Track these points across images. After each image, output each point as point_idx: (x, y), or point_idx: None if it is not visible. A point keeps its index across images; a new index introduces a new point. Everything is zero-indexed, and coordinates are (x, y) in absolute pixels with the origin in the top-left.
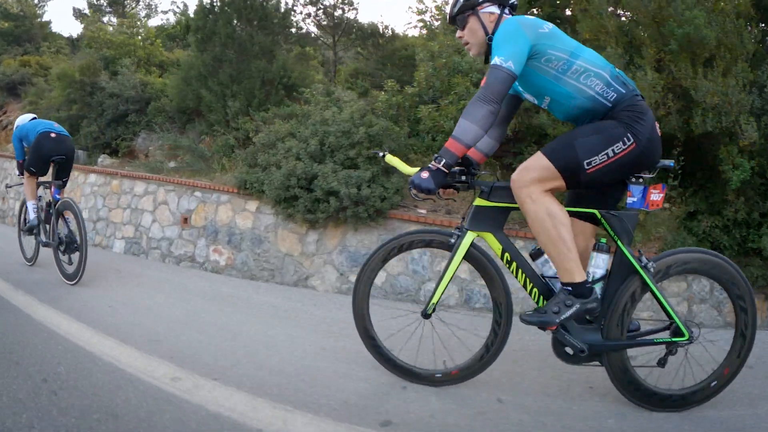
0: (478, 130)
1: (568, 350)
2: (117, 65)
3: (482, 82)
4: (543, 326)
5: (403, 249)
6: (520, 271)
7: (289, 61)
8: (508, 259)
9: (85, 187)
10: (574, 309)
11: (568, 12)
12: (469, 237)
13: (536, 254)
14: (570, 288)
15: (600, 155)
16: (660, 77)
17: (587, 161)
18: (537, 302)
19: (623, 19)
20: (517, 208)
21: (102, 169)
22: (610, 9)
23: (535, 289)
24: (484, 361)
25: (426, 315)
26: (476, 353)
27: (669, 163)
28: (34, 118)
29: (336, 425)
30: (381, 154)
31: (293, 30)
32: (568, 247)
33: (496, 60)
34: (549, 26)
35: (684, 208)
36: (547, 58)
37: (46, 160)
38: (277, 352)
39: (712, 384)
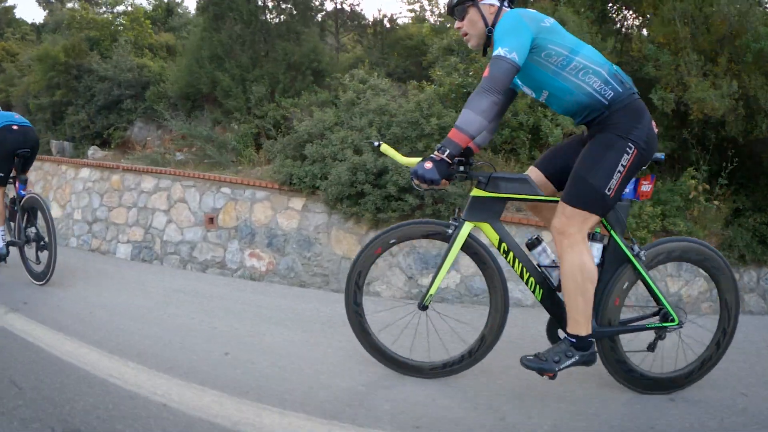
0: (482, 120)
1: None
2: (101, 47)
3: (485, 73)
4: (541, 372)
5: (400, 240)
6: (516, 260)
7: (319, 45)
8: (505, 249)
9: (76, 183)
10: (573, 360)
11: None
12: (467, 227)
13: (532, 244)
14: (574, 340)
15: (614, 177)
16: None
17: (607, 189)
18: (533, 291)
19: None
20: (514, 199)
21: (99, 162)
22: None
23: (531, 279)
24: (479, 351)
25: (423, 307)
26: (472, 343)
27: (660, 156)
28: None
29: None
30: (376, 143)
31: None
32: (587, 302)
33: (500, 51)
34: (550, 20)
35: (731, 205)
36: (547, 53)
37: (11, 155)
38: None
39: (699, 365)
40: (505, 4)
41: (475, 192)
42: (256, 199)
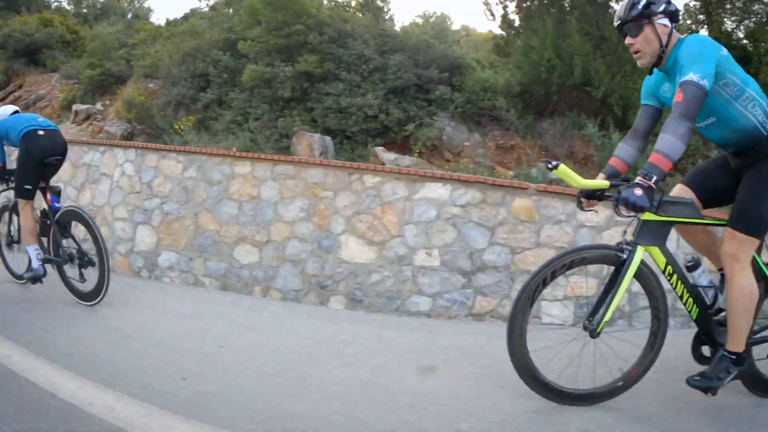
0: (682, 145)
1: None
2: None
3: (676, 98)
4: (707, 391)
5: (571, 266)
6: (679, 282)
7: None
8: (670, 271)
9: (418, 206)
10: (733, 375)
11: None
12: (640, 252)
13: (693, 266)
14: (734, 357)
15: None
16: None
17: None
18: (689, 311)
19: None
20: (681, 222)
21: (477, 178)
22: None
23: (690, 299)
24: (638, 373)
25: (594, 335)
26: (634, 363)
27: None
28: (16, 111)
29: None
30: (552, 163)
31: None
32: (749, 322)
33: (692, 76)
34: (725, 51)
35: None
36: (725, 81)
37: (39, 164)
38: None
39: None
40: (673, 26)
41: (646, 216)
42: None
